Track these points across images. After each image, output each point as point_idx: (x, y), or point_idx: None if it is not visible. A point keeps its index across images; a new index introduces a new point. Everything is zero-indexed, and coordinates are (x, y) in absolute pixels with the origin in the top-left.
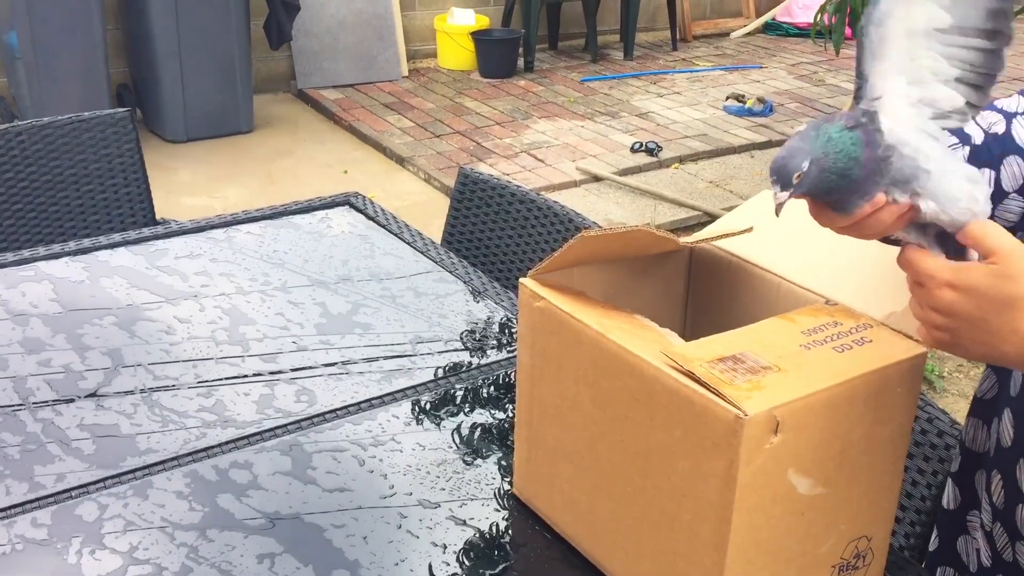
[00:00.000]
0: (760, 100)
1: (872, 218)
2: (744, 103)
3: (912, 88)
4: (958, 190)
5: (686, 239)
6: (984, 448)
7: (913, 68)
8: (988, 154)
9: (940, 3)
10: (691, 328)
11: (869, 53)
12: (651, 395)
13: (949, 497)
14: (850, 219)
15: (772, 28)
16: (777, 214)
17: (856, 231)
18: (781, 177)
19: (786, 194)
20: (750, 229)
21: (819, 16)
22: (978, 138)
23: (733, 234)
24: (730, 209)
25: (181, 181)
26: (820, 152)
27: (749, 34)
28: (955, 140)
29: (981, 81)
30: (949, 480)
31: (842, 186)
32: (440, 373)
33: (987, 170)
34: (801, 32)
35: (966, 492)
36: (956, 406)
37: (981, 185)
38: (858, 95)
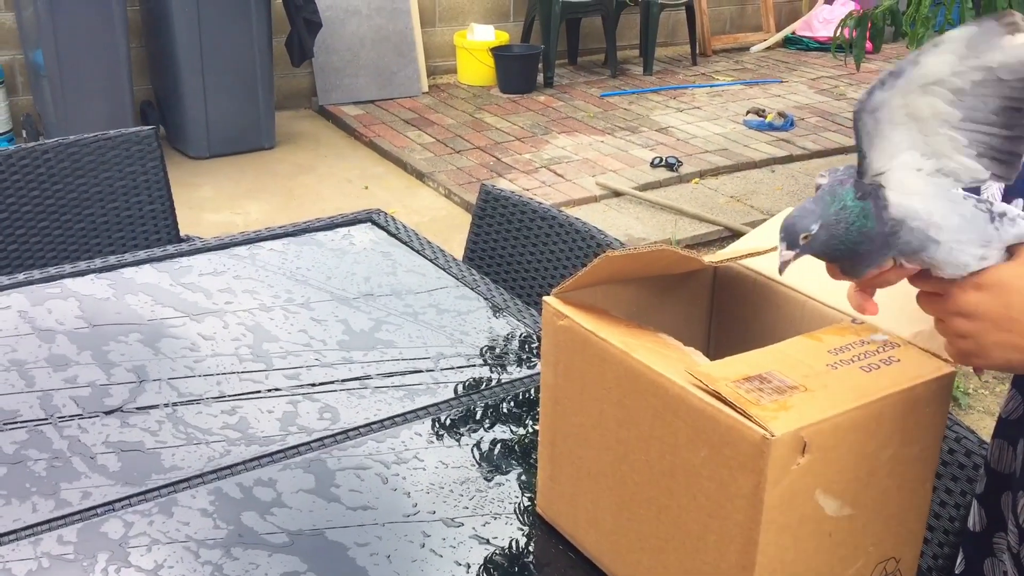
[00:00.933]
0: (781, 114)
1: (880, 278)
2: (765, 117)
3: (927, 160)
4: (969, 257)
5: (711, 258)
6: (1010, 469)
7: (927, 143)
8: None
9: (943, 97)
10: (715, 347)
11: (865, 135)
12: (676, 415)
13: (975, 519)
14: (858, 280)
15: (792, 42)
16: (780, 272)
17: (864, 287)
18: (788, 236)
19: (791, 253)
20: (775, 248)
21: (839, 30)
22: None
23: (758, 253)
24: (751, 224)
25: (204, 197)
26: (832, 218)
27: (769, 48)
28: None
29: (1006, 158)
30: (975, 501)
31: (849, 256)
32: (462, 390)
33: (1021, 200)
34: (821, 46)
35: (992, 513)
36: (981, 423)
37: (994, 246)
38: (860, 170)
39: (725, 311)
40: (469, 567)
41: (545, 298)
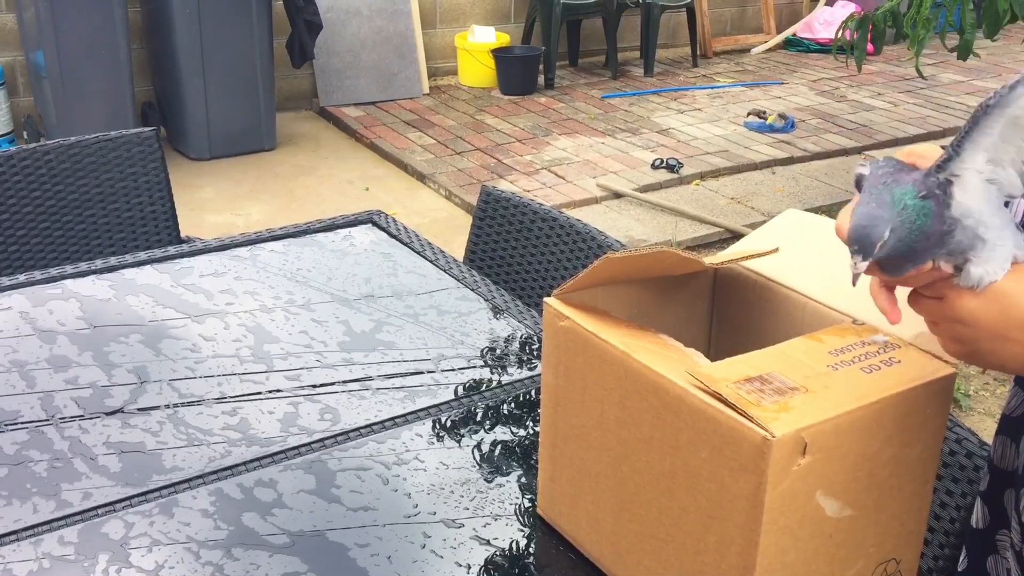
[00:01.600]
0: (781, 116)
1: (913, 279)
2: (765, 119)
3: (988, 166)
4: (1005, 258)
5: (711, 260)
6: (1013, 467)
7: (999, 150)
8: None
9: None
10: (716, 348)
11: (978, 130)
12: (677, 416)
13: (978, 516)
14: (892, 281)
15: (793, 44)
16: (854, 284)
17: (889, 285)
18: (863, 247)
19: (866, 264)
20: (776, 250)
21: (840, 32)
22: None
23: (759, 255)
24: (752, 226)
25: (204, 198)
26: (898, 221)
27: (770, 50)
28: None
29: None
30: (978, 499)
31: (905, 255)
32: (463, 391)
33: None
34: (822, 48)
35: (995, 511)
36: (983, 424)
37: (1019, 256)
38: (943, 164)
39: (726, 312)
40: (470, 568)
41: (546, 299)
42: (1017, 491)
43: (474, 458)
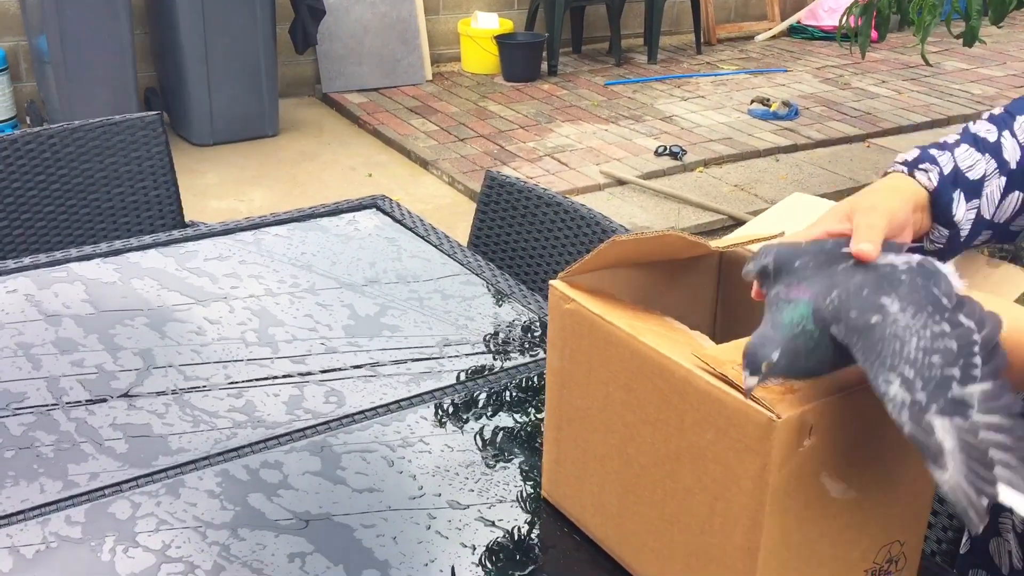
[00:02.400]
0: (785, 103)
1: None
2: (769, 106)
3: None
4: None
5: (717, 243)
6: None
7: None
8: (1022, 177)
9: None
10: (721, 332)
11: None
12: (682, 397)
13: None
14: None
15: (797, 31)
16: (746, 396)
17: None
18: (752, 365)
19: (755, 379)
20: (781, 234)
21: (845, 19)
22: (1014, 162)
23: (764, 238)
24: (755, 213)
25: (208, 184)
26: (790, 344)
27: (774, 37)
28: (995, 167)
29: None
30: None
31: (807, 373)
32: (467, 375)
33: (1018, 192)
34: (826, 35)
35: None
36: None
37: None
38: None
39: (731, 295)
40: (474, 549)
41: (551, 281)
42: None
43: (478, 441)
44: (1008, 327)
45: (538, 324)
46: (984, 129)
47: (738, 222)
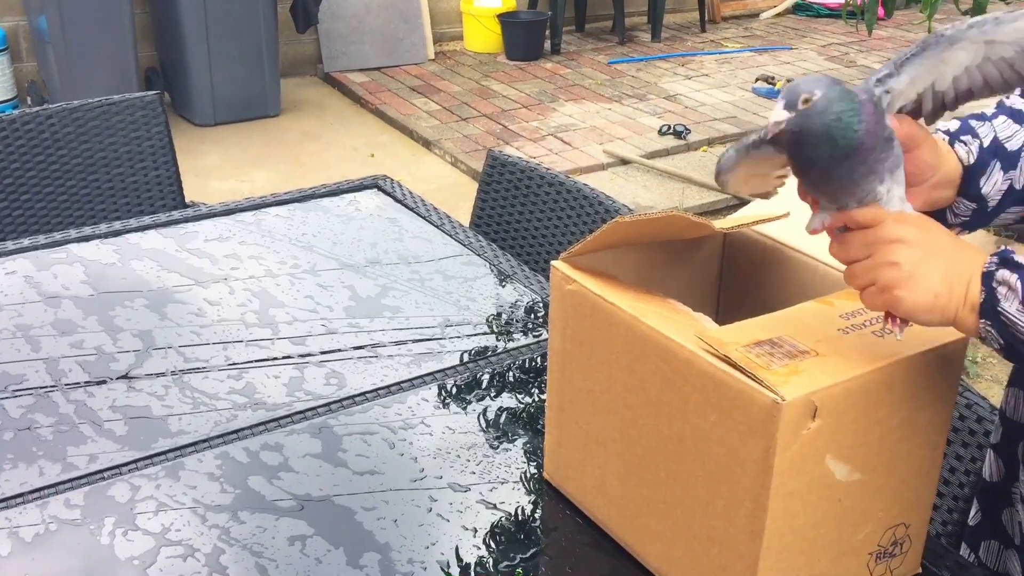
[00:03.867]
0: (790, 82)
1: (851, 216)
2: (774, 85)
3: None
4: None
5: (721, 224)
6: None
7: (929, 74)
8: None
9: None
10: (725, 313)
11: (924, 53)
12: (685, 379)
13: (991, 469)
14: (839, 217)
15: (802, 9)
16: (767, 136)
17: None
18: (789, 96)
19: (786, 114)
20: (787, 214)
21: None
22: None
23: (770, 219)
24: None
25: (209, 165)
26: (834, 92)
27: (779, 15)
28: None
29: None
30: (990, 451)
31: (832, 158)
32: (468, 356)
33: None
34: (832, 13)
35: (1009, 464)
36: (990, 391)
37: None
38: (881, 79)
39: (735, 276)
40: (476, 532)
41: (553, 262)
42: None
43: (480, 423)
44: None
45: (540, 305)
46: (1021, 103)
47: (742, 202)
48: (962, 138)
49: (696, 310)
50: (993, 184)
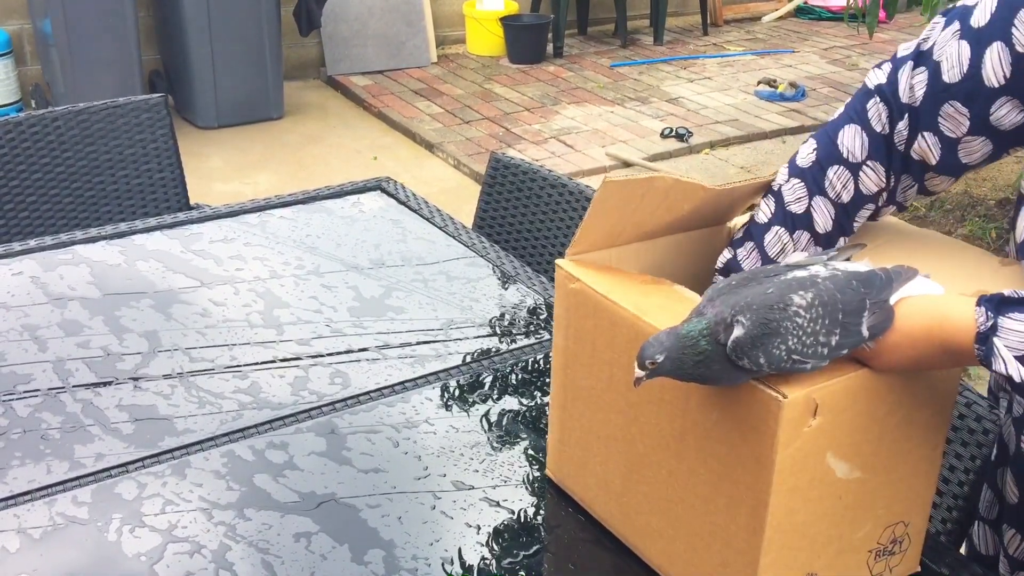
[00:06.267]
0: (792, 85)
1: None
2: (776, 88)
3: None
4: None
5: (711, 184)
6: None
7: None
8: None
9: None
10: None
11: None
12: None
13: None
14: None
15: (804, 12)
16: (635, 385)
17: None
18: (639, 360)
19: (641, 373)
20: (774, 175)
21: None
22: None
23: (765, 181)
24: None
25: (212, 167)
26: (677, 351)
27: (781, 18)
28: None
29: None
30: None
31: (699, 378)
32: (472, 357)
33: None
34: (834, 16)
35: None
36: None
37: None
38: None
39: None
40: (479, 529)
41: (558, 261)
42: (1000, 468)
43: (483, 422)
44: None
45: (543, 306)
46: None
47: None
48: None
49: None
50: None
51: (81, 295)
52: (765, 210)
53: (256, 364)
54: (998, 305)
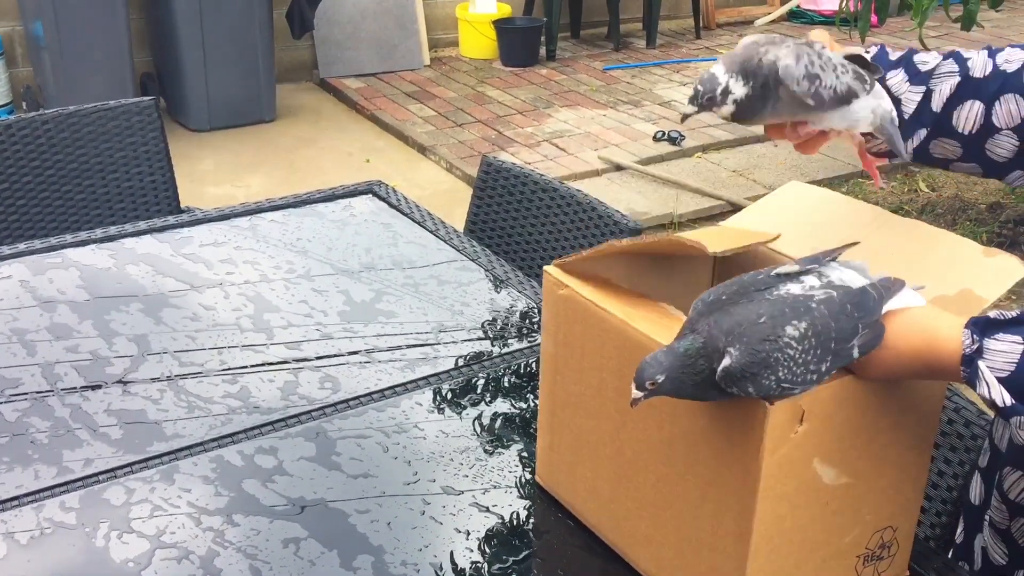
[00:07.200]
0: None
1: None
2: None
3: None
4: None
5: (714, 247)
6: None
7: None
8: (984, 88)
9: None
10: None
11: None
12: None
13: (976, 492)
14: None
15: (797, 16)
16: (632, 406)
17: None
18: (638, 380)
19: (640, 394)
20: (778, 236)
21: (844, 3)
22: (978, 72)
23: (763, 242)
24: (754, 199)
25: (204, 170)
26: (677, 368)
27: (773, 22)
28: (953, 68)
29: None
30: (976, 474)
31: (693, 393)
32: (462, 361)
33: (976, 102)
34: (826, 20)
35: (988, 488)
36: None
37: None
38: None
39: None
40: (469, 535)
41: (546, 268)
42: (1000, 470)
43: (473, 427)
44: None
45: (535, 310)
46: (969, 51)
47: (736, 207)
48: (867, 50)
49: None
50: (901, 84)
51: (70, 299)
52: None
53: (246, 368)
54: (984, 327)
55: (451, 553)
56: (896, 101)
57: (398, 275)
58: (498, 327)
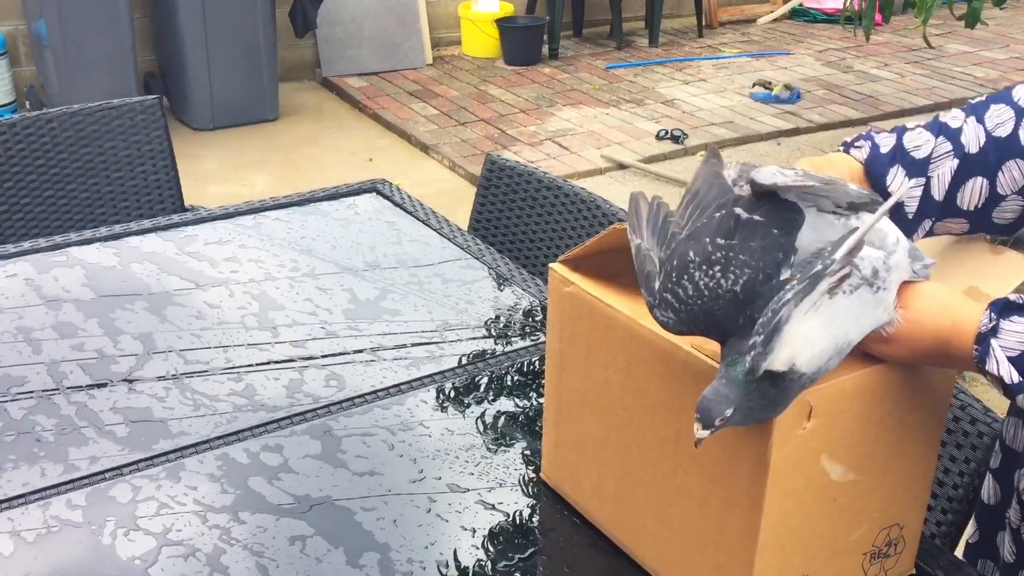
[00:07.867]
0: (787, 87)
1: None
2: (771, 90)
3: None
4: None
5: None
6: (1023, 447)
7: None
8: (984, 163)
9: None
10: None
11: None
12: (682, 380)
13: (989, 492)
14: None
15: (799, 14)
16: (696, 446)
17: None
18: (705, 419)
19: (707, 432)
20: None
21: (848, 1)
22: (974, 146)
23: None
24: None
25: (207, 169)
26: (742, 399)
27: (776, 20)
28: (948, 149)
29: None
30: (989, 474)
31: (768, 414)
32: (467, 359)
33: (978, 179)
34: (829, 18)
35: (1006, 489)
36: (986, 394)
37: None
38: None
39: None
40: (474, 532)
41: (551, 265)
42: (1019, 469)
43: (479, 424)
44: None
45: (539, 308)
46: (952, 116)
47: None
48: (856, 144)
49: None
50: (899, 185)
51: (75, 297)
52: (910, 126)
53: (251, 366)
54: (1002, 309)
55: (456, 551)
56: (898, 204)
57: (402, 273)
58: (502, 325)
